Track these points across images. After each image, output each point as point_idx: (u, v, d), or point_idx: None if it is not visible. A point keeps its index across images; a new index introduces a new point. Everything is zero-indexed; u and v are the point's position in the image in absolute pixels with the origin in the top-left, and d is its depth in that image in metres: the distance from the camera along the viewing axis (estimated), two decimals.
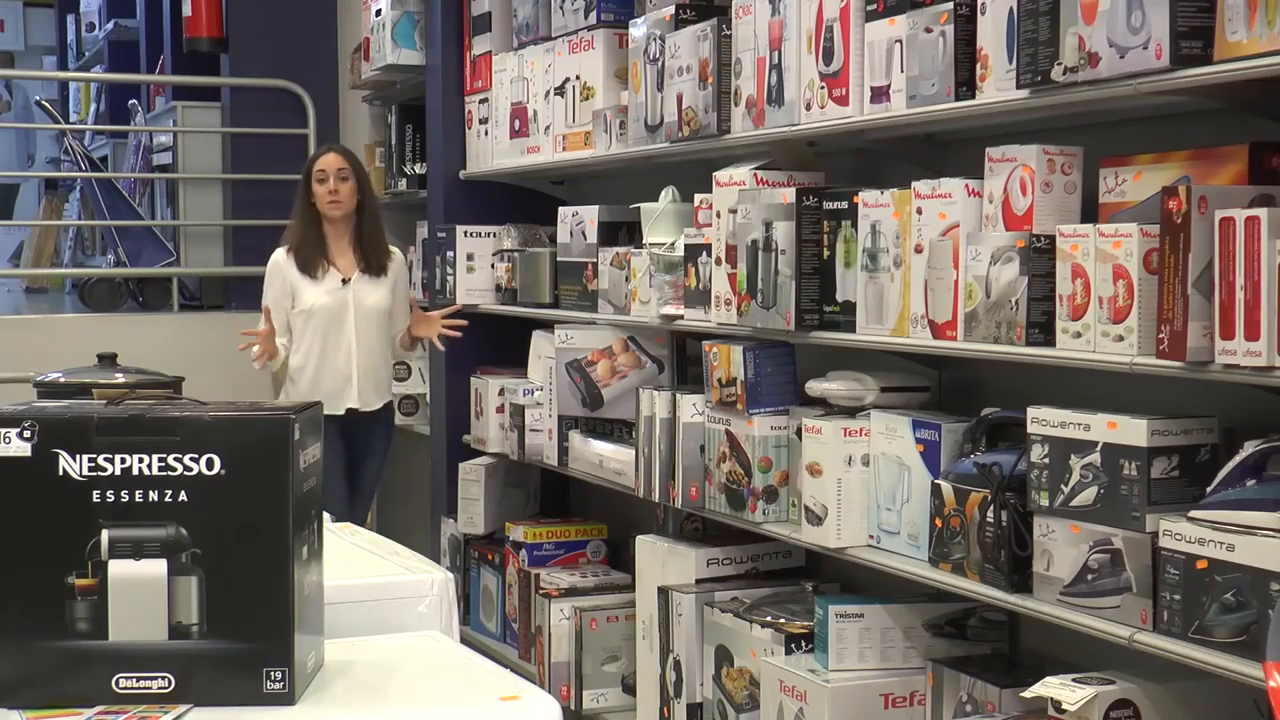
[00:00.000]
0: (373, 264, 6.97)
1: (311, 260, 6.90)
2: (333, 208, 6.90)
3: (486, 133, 7.17)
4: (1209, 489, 3.66)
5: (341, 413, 6.88)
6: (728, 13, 5.31)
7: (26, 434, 2.72)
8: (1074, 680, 3.91)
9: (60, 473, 2.71)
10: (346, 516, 5.45)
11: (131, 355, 5.86)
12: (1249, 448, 3.64)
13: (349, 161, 7.00)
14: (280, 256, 7.00)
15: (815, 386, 4.98)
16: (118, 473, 2.71)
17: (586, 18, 6.30)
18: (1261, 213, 3.35)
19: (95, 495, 2.71)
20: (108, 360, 5.61)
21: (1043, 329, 3.99)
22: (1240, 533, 3.47)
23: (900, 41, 4.48)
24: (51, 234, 14.47)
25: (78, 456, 2.71)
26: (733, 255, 5.15)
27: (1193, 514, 3.61)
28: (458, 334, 7.06)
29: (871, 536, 4.75)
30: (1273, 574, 3.33)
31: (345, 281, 6.92)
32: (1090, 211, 4.09)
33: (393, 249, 7.18)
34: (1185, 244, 3.52)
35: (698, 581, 5.56)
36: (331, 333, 6.90)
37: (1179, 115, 4.04)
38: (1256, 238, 3.35)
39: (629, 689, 6.12)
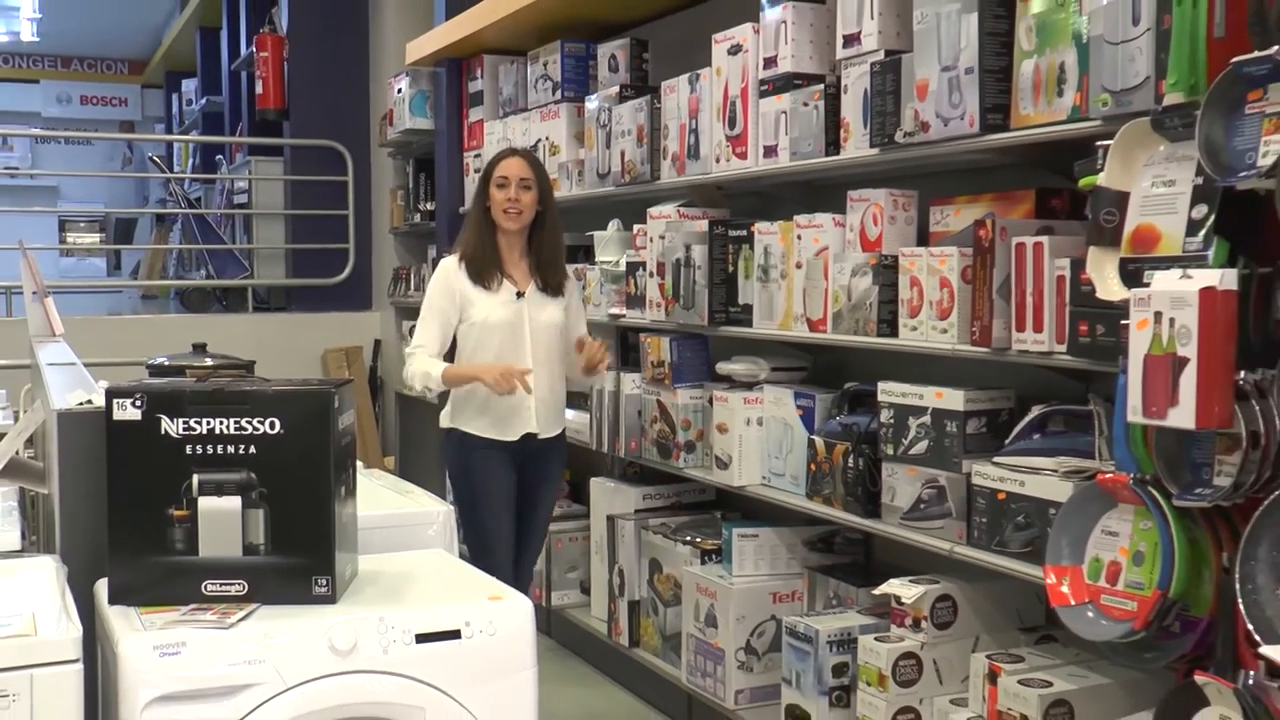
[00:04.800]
0: (550, 284, 4.83)
1: (485, 271, 4.75)
2: (509, 219, 4.74)
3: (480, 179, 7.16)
4: (1007, 441, 3.69)
5: (516, 439, 4.76)
6: (658, 91, 5.31)
7: (138, 403, 2.73)
8: (910, 581, 3.94)
9: (162, 432, 2.73)
10: (509, 551, 4.80)
11: (217, 345, 5.81)
12: (1035, 411, 3.68)
13: (534, 169, 4.81)
14: (451, 264, 4.83)
15: (723, 367, 4.99)
16: (205, 432, 2.73)
17: (554, 95, 6.28)
18: (1044, 239, 3.38)
19: (188, 449, 2.73)
20: (200, 348, 5.55)
21: (889, 324, 4.00)
22: (1028, 473, 3.49)
23: (785, 113, 4.48)
24: (160, 255, 14.38)
25: (175, 419, 2.73)
26: (662, 270, 5.15)
27: (995, 460, 3.64)
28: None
29: (764, 478, 4.76)
30: (1051, 502, 3.36)
31: (520, 295, 4.76)
32: (923, 238, 4.10)
33: (569, 273, 5.02)
34: (991, 262, 3.54)
35: (636, 512, 5.58)
36: (507, 350, 4.73)
37: (986, 168, 4.04)
38: (1041, 258, 3.38)
39: (585, 590, 6.13)
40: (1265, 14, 2.48)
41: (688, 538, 5.18)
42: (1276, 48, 2.44)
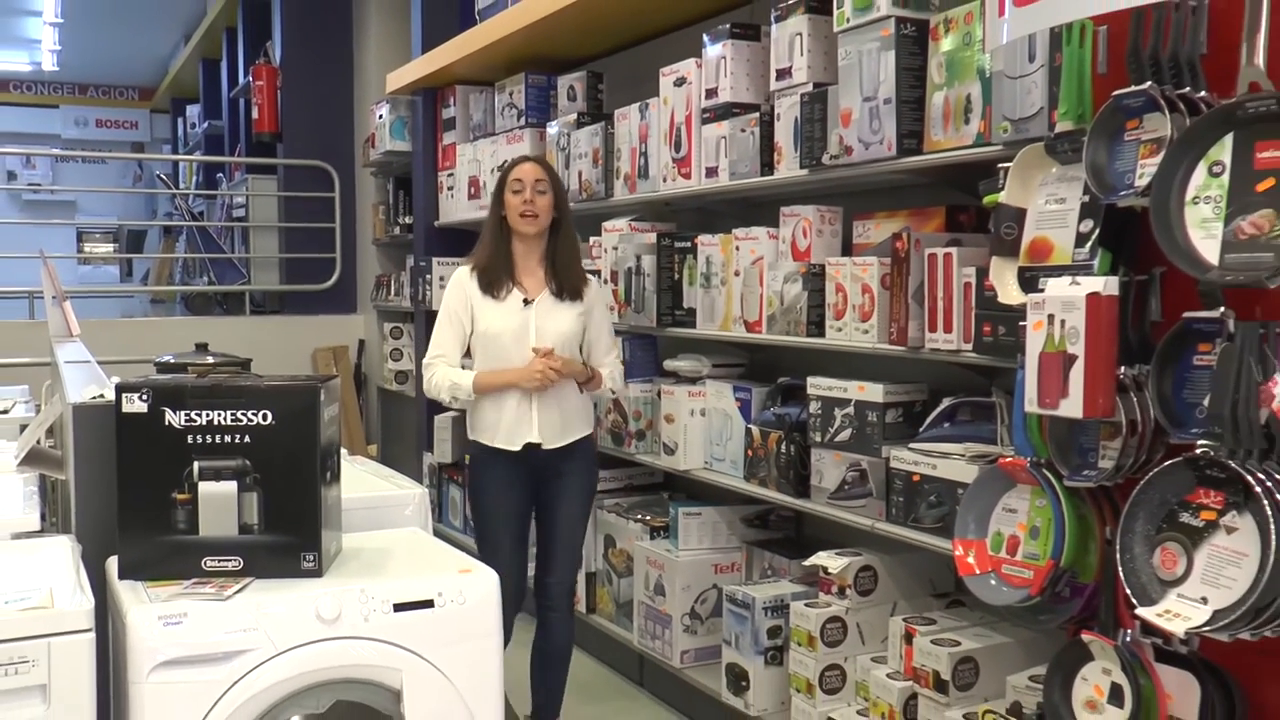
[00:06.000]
0: (565, 288, 4.26)
1: (495, 280, 4.24)
2: (526, 222, 4.22)
3: (452, 196, 7.13)
4: (921, 429, 3.72)
5: (518, 449, 4.19)
6: (612, 118, 5.32)
7: (144, 397, 2.71)
8: (836, 553, 3.96)
9: (166, 423, 2.71)
10: (513, 562, 4.24)
11: (218, 344, 5.76)
12: (946, 402, 3.70)
13: (548, 173, 4.30)
14: (463, 273, 4.31)
15: (670, 364, 5.00)
16: (204, 423, 2.71)
17: (518, 121, 6.28)
18: (953, 250, 3.41)
19: (189, 438, 2.71)
20: (202, 347, 5.50)
21: (817, 325, 4.02)
22: (940, 457, 3.52)
23: (725, 137, 4.50)
24: (167, 263, 14.25)
25: (178, 412, 2.71)
26: (616, 277, 5.15)
27: (911, 445, 3.66)
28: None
29: (706, 462, 4.78)
30: (959, 483, 3.39)
31: (527, 302, 4.22)
32: (847, 249, 4.12)
33: (589, 276, 4.41)
34: (906, 270, 3.57)
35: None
36: (512, 359, 4.18)
37: (903, 187, 4.08)
38: (950, 267, 3.40)
39: None
40: (1140, 54, 2.51)
41: (638, 516, 5.19)
42: (1149, 83, 2.47)
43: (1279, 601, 2.20)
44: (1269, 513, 2.21)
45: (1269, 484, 2.23)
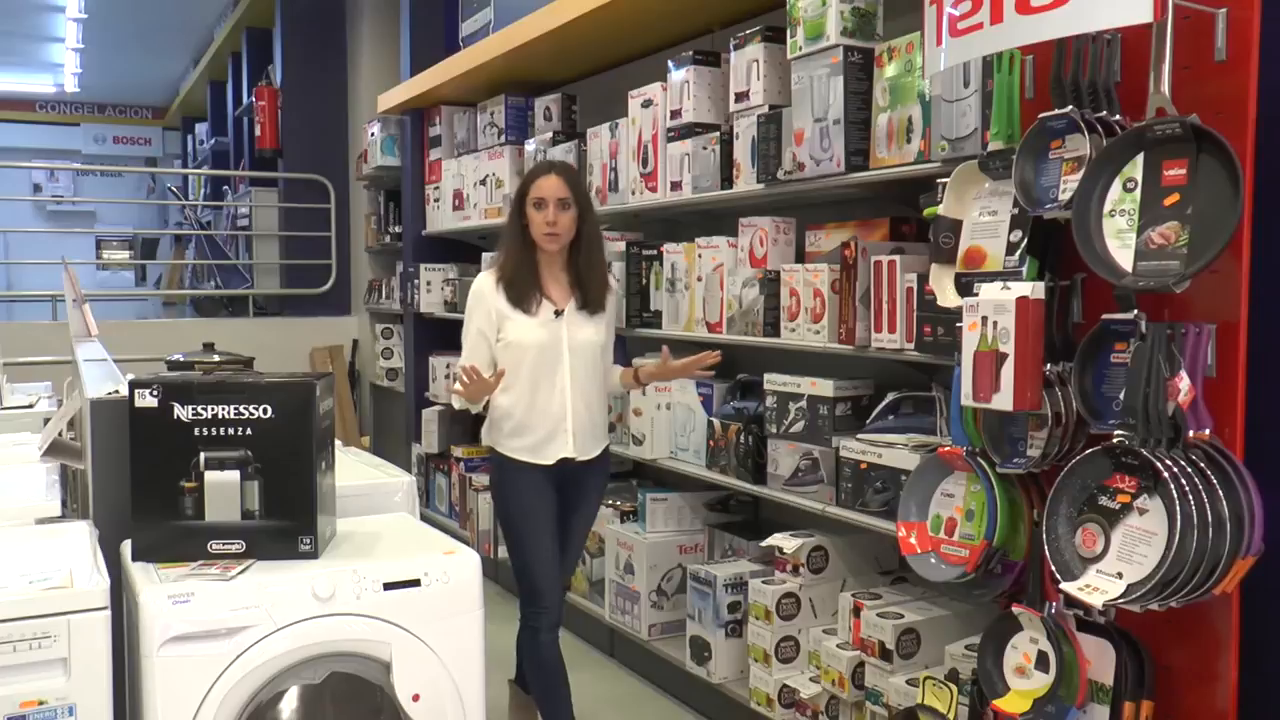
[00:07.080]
0: (591, 299, 3.79)
1: (524, 294, 3.72)
2: (549, 240, 3.71)
3: (438, 207, 7.12)
4: (867, 421, 3.73)
5: (552, 463, 3.74)
6: (584, 136, 5.32)
7: (155, 392, 2.70)
8: (791, 535, 3.98)
9: (175, 417, 2.70)
10: (552, 572, 3.75)
11: (224, 344, 5.73)
12: (890, 397, 3.72)
13: (570, 186, 3.74)
14: (487, 284, 3.76)
15: (638, 362, 4.98)
16: (210, 416, 2.70)
17: (499, 139, 6.27)
18: (897, 258, 3.43)
19: (196, 431, 2.70)
20: (209, 347, 5.48)
21: (773, 326, 4.03)
22: (885, 447, 3.54)
23: (688, 154, 4.51)
24: (177, 269, 14.16)
25: (186, 406, 2.70)
26: None
27: (858, 436, 3.68)
28: (711, 372, 4.00)
29: (671, 452, 4.79)
30: (902, 470, 3.41)
31: (558, 313, 3.73)
32: (800, 256, 4.13)
33: (610, 283, 3.92)
34: (854, 276, 3.58)
35: None
36: (544, 372, 3.72)
37: (851, 200, 4.09)
38: (893, 272, 3.42)
39: None
40: (1062, 81, 2.53)
41: (609, 502, 5.16)
42: (1071, 107, 2.50)
43: (1183, 575, 2.23)
44: (1175, 496, 2.24)
45: (1175, 470, 2.26)
